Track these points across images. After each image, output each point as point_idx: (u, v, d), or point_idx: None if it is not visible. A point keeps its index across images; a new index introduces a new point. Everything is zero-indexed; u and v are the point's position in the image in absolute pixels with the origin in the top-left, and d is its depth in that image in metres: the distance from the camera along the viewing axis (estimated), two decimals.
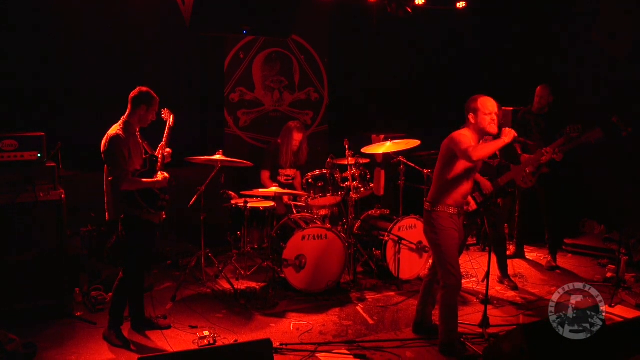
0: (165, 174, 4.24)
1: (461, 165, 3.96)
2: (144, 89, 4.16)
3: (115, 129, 4.09)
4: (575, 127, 5.02)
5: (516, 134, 3.90)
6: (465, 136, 3.93)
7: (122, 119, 4.15)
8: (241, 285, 5.34)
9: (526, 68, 7.45)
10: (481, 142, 4.00)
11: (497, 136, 3.96)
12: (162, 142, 4.39)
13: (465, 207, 4.15)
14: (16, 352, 3.84)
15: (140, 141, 4.28)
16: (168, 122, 4.46)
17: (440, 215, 4.03)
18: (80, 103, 5.94)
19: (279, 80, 7.17)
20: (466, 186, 4.05)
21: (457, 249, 4.12)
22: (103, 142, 4.07)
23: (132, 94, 4.15)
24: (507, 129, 3.90)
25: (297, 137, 6.16)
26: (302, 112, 7.36)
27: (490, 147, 3.82)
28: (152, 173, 4.22)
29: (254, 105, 7.06)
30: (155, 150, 4.38)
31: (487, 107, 3.92)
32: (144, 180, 4.12)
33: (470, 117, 3.97)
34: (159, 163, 4.28)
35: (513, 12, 7.55)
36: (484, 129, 3.94)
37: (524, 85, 6.45)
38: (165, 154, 4.37)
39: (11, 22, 5.52)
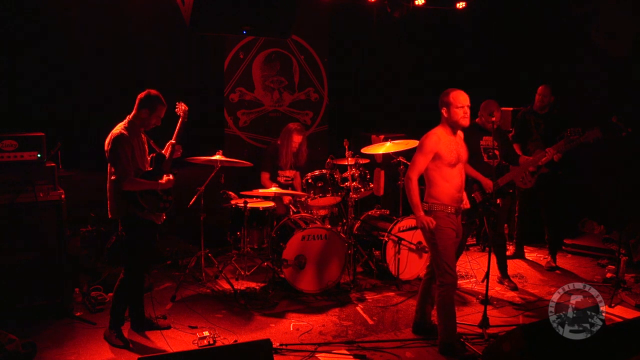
0: (171, 177, 4.20)
1: (443, 161, 4.01)
2: (153, 92, 4.10)
3: (119, 128, 4.06)
4: (576, 130, 5.12)
5: (432, 226, 3.99)
6: (429, 139, 4.03)
7: (127, 118, 4.12)
8: (241, 285, 5.34)
9: (525, 68, 7.45)
10: (410, 188, 4.01)
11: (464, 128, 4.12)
12: (172, 139, 4.36)
13: (462, 205, 4.19)
14: (16, 352, 3.84)
15: (145, 140, 4.26)
16: (181, 117, 4.41)
17: (438, 215, 4.05)
18: (79, 103, 5.93)
19: (279, 80, 7.17)
20: (457, 179, 4.09)
21: (454, 248, 4.16)
22: (107, 141, 4.04)
23: (139, 96, 4.10)
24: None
25: (297, 139, 6.15)
26: (302, 112, 7.36)
27: (411, 197, 3.99)
28: (159, 172, 4.20)
29: (254, 106, 7.06)
30: (164, 148, 4.34)
31: (459, 100, 4.00)
32: (146, 181, 4.10)
33: (443, 111, 4.07)
34: (166, 161, 4.25)
35: (512, 12, 7.55)
36: (457, 122, 4.03)
37: (523, 85, 6.46)
38: (176, 149, 4.35)
39: (10, 23, 5.53)
